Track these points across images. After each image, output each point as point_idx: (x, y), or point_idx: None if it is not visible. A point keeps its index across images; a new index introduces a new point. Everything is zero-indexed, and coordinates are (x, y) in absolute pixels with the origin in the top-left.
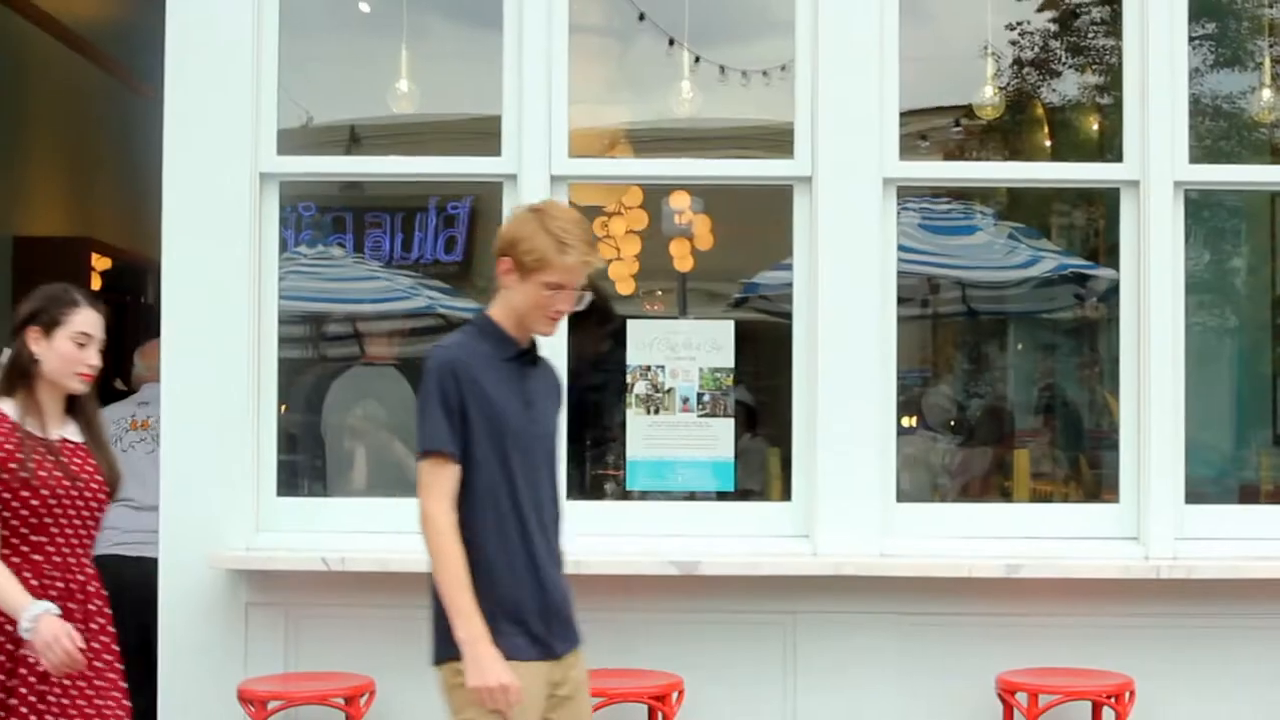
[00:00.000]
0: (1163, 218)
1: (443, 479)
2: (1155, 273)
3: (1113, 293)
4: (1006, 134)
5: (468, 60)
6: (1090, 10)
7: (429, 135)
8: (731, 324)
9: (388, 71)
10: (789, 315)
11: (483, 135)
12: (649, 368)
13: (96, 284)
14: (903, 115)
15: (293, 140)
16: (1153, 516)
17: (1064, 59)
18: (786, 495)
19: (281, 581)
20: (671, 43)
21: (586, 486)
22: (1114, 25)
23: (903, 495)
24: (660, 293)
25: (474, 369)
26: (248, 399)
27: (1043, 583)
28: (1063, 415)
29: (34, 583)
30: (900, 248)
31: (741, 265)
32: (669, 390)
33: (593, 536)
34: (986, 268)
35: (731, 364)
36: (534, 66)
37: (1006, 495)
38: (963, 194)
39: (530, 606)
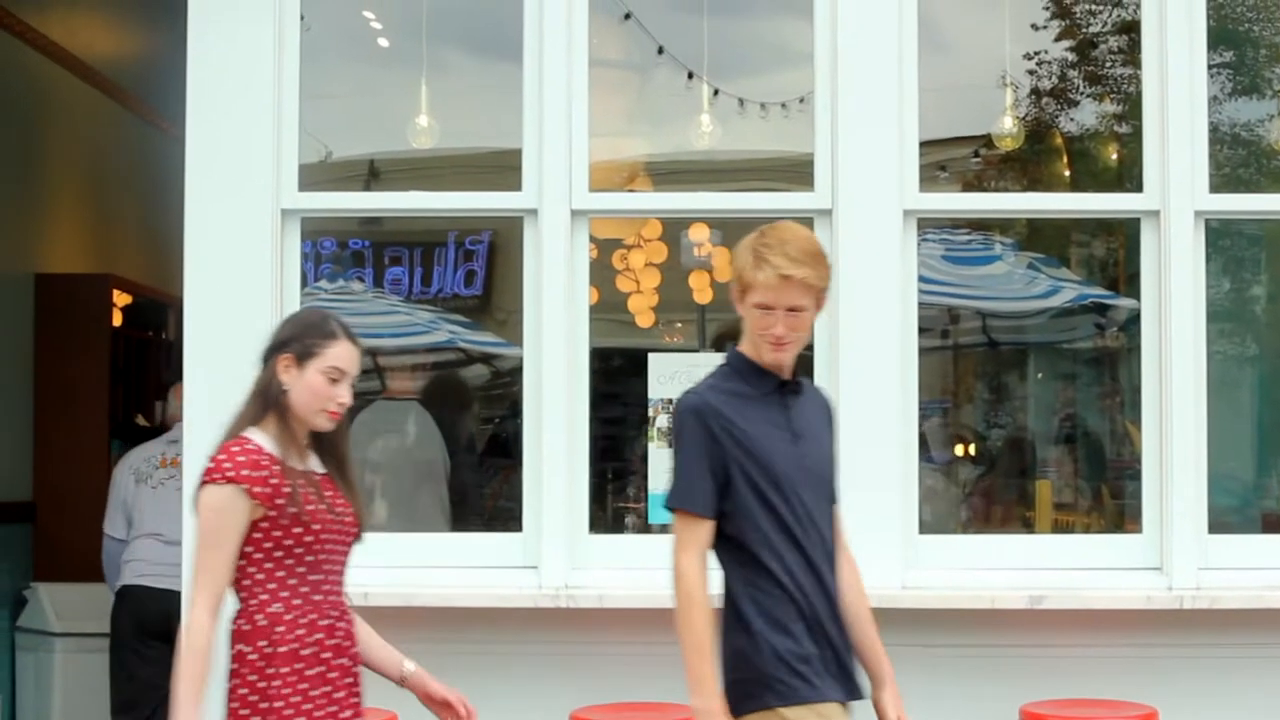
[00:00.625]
0: (1183, 247)
1: (692, 535)
2: (1176, 302)
3: (1133, 322)
4: (1026, 164)
5: (487, 94)
6: (1108, 39)
7: (448, 170)
8: None
9: (407, 106)
10: (810, 347)
11: (502, 169)
12: (670, 400)
13: (117, 320)
14: (922, 146)
15: (313, 175)
16: (1176, 546)
17: (1082, 88)
18: None
19: None
20: (690, 76)
21: (608, 520)
22: (1132, 54)
23: (925, 527)
24: (680, 325)
25: (725, 412)
26: None
27: (1066, 614)
28: (1084, 445)
29: (322, 622)
30: (920, 279)
31: None
32: None
33: (615, 570)
34: (1007, 298)
35: None
36: (554, 100)
37: (1029, 526)
38: (982, 224)
39: (801, 654)
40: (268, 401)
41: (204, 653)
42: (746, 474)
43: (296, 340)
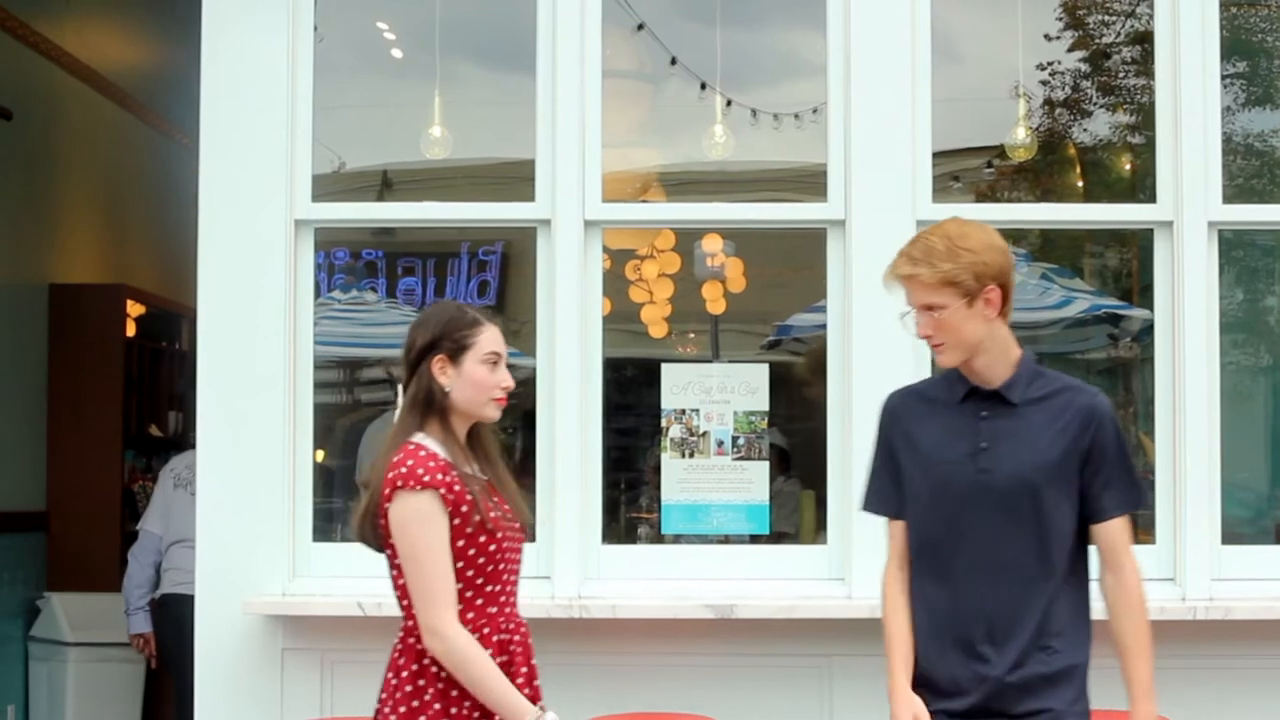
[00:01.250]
0: (1197, 258)
1: (889, 538)
2: (1190, 313)
3: (1146, 333)
4: (1039, 175)
5: (501, 105)
6: (1121, 50)
7: (462, 180)
8: (766, 367)
9: (421, 117)
10: (822, 358)
11: (515, 180)
12: (683, 411)
13: (131, 330)
14: (935, 156)
15: (326, 186)
16: (1189, 557)
17: (1096, 99)
18: (821, 538)
19: (317, 627)
20: (703, 86)
21: (621, 531)
22: (1145, 65)
23: None
24: (693, 335)
25: (905, 416)
26: (283, 444)
27: None
28: None
29: (496, 638)
30: None
31: (774, 308)
32: (703, 434)
33: (627, 581)
34: (1020, 308)
35: (766, 407)
36: (567, 111)
37: None
38: None
39: (944, 686)
40: (430, 407)
41: (482, 660)
42: (914, 477)
43: (444, 338)
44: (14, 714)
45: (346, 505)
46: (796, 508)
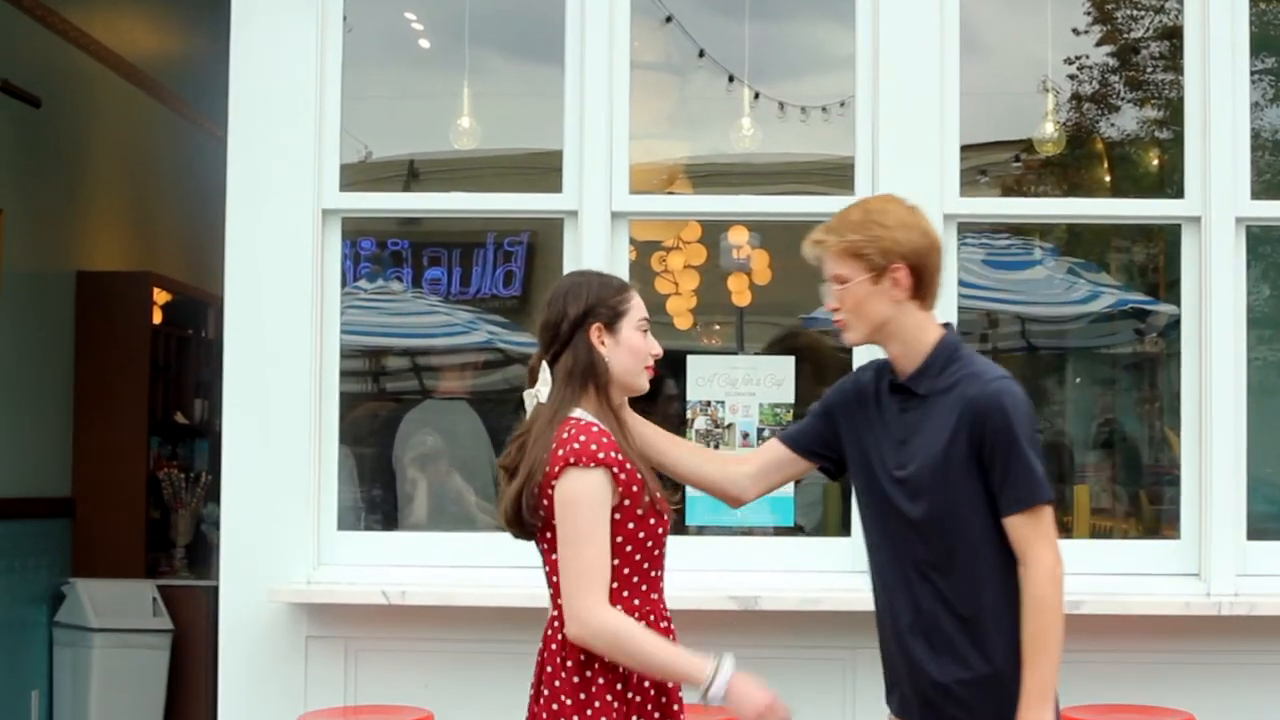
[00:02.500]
0: (1224, 253)
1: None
2: (1217, 308)
3: (1173, 328)
4: (1066, 169)
5: (528, 96)
6: (1150, 45)
7: (489, 171)
8: (792, 359)
9: (449, 108)
10: (847, 350)
11: (542, 171)
12: (709, 403)
13: (158, 318)
14: (962, 150)
15: (353, 176)
16: (1214, 553)
17: (1124, 94)
18: (845, 530)
19: (342, 615)
20: (731, 79)
21: None
22: (1174, 60)
23: None
24: (718, 327)
25: (864, 396)
26: (309, 433)
27: (1103, 619)
28: (1123, 450)
29: (661, 625)
30: (960, 283)
31: (799, 300)
32: (729, 425)
33: None
34: (1046, 303)
35: (792, 399)
36: (595, 102)
37: (1067, 531)
38: (1022, 229)
39: (887, 679)
40: (591, 378)
41: (639, 635)
42: (852, 470)
43: (600, 305)
44: (38, 699)
45: (372, 494)
46: (820, 498)
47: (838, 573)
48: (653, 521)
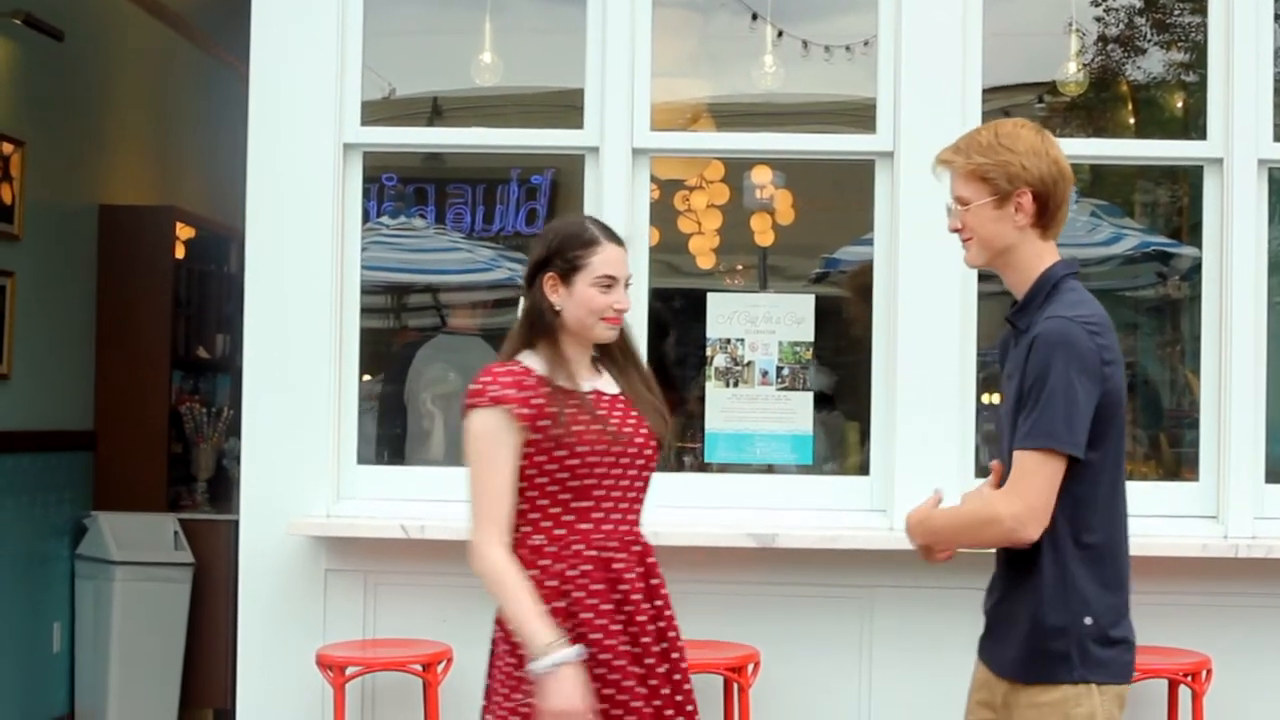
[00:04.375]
0: (1246, 196)
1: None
2: (1238, 251)
3: (1195, 271)
4: (1090, 111)
5: (551, 33)
6: None
7: (511, 108)
8: (812, 298)
9: (471, 44)
10: (868, 292)
11: (565, 108)
12: (728, 341)
13: (180, 253)
14: (986, 92)
15: (376, 112)
16: (1232, 495)
17: (1149, 36)
18: (864, 469)
19: (361, 549)
20: (754, 17)
21: (666, 459)
22: (1199, 2)
23: (981, 471)
24: (741, 267)
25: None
26: (329, 368)
27: None
28: (1143, 393)
29: (589, 553)
30: None
31: (822, 240)
32: (748, 363)
33: (670, 509)
34: (1068, 245)
35: (811, 338)
36: (617, 39)
37: None
38: None
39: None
40: (539, 325)
41: (509, 582)
42: None
43: (556, 256)
44: (60, 631)
45: (391, 428)
46: (841, 439)
47: (857, 511)
48: (561, 454)
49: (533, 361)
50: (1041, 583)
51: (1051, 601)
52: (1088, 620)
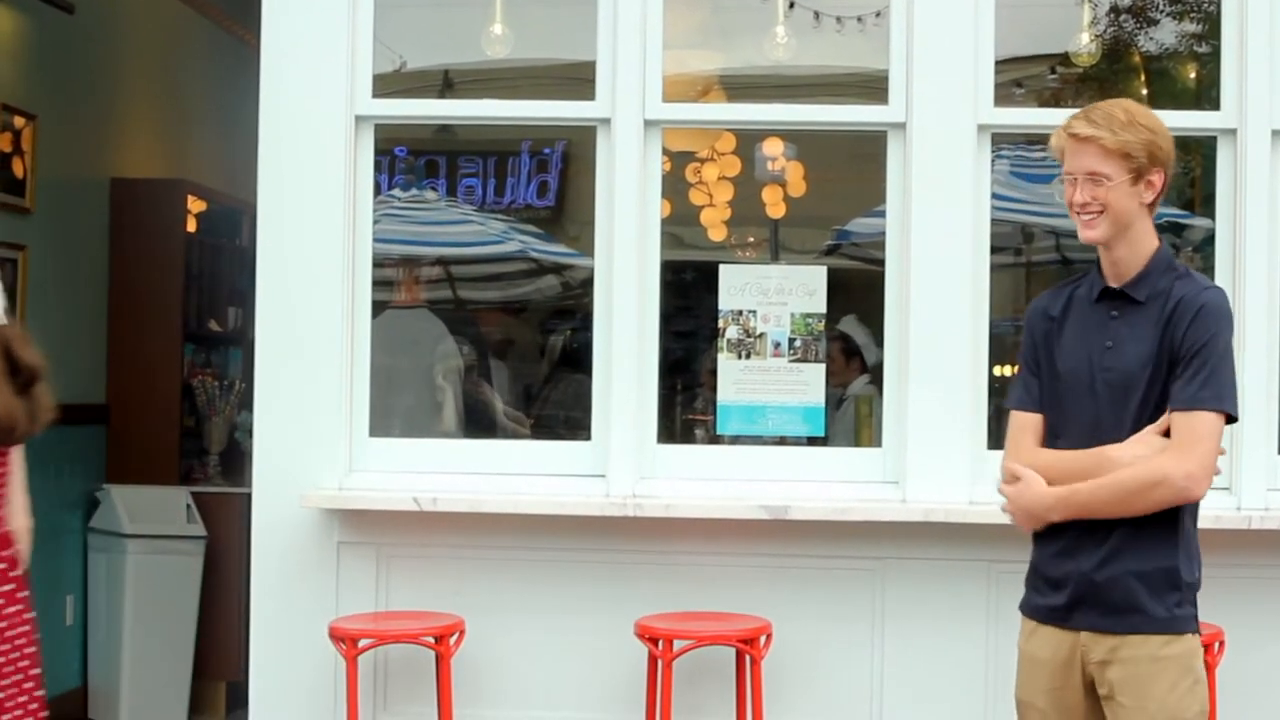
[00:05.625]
0: (1260, 166)
1: (1022, 431)
2: (1251, 222)
3: (1208, 243)
4: (1103, 82)
5: (562, 4)
6: None
7: (522, 80)
8: (824, 269)
9: (482, 15)
10: (881, 262)
11: (576, 80)
12: (741, 312)
13: (192, 226)
14: (998, 63)
15: (388, 85)
16: (1245, 467)
17: (1161, 6)
18: (876, 441)
19: (373, 521)
20: None
21: (677, 431)
22: None
23: (993, 443)
24: (752, 239)
25: (1044, 317)
26: (341, 340)
27: None
28: None
29: None
30: (994, 195)
31: (834, 212)
32: (760, 335)
33: (683, 481)
34: None
35: (823, 309)
36: (629, 11)
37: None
38: None
39: (1047, 571)
40: None
41: None
42: (1046, 381)
43: None
44: (73, 604)
45: (404, 400)
46: (863, 411)
47: (868, 483)
48: None
49: None
50: (1177, 540)
51: (1184, 558)
52: (1199, 575)
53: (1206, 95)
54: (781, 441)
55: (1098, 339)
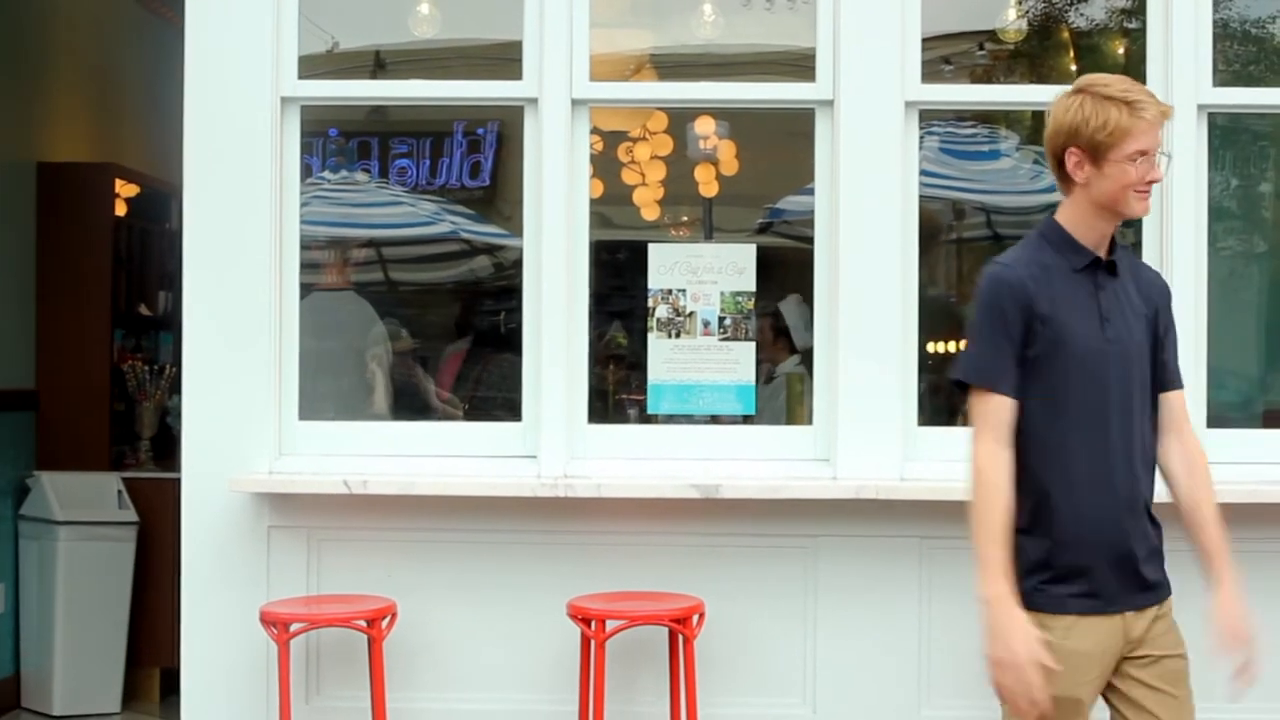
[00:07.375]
0: (1186, 141)
1: (992, 415)
2: (1178, 197)
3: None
4: (1032, 59)
5: None
6: None
7: (454, 61)
8: (753, 248)
9: None
10: (811, 240)
11: (506, 60)
12: (670, 291)
13: (121, 210)
14: (926, 40)
15: (318, 65)
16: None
17: None
18: (808, 420)
19: (303, 505)
20: None
21: (609, 411)
22: None
23: (925, 419)
24: (686, 218)
25: (1031, 288)
26: (270, 323)
27: None
28: None
29: None
30: (923, 172)
31: (767, 190)
32: (690, 314)
33: (614, 460)
34: (1011, 192)
35: (753, 288)
36: None
37: None
38: (987, 118)
39: (1095, 556)
40: None
41: None
42: (1049, 351)
43: None
44: (4, 591)
45: (335, 383)
46: (794, 389)
47: (800, 460)
48: None
49: None
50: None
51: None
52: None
53: (1135, 70)
54: (714, 420)
55: (1092, 310)
